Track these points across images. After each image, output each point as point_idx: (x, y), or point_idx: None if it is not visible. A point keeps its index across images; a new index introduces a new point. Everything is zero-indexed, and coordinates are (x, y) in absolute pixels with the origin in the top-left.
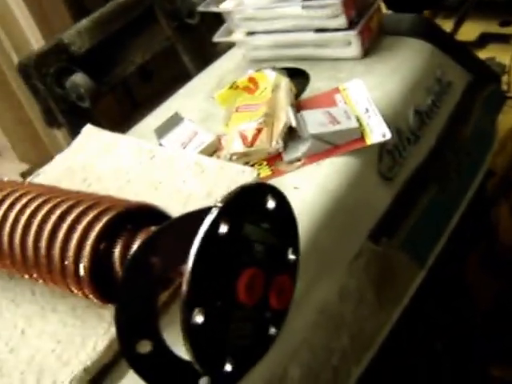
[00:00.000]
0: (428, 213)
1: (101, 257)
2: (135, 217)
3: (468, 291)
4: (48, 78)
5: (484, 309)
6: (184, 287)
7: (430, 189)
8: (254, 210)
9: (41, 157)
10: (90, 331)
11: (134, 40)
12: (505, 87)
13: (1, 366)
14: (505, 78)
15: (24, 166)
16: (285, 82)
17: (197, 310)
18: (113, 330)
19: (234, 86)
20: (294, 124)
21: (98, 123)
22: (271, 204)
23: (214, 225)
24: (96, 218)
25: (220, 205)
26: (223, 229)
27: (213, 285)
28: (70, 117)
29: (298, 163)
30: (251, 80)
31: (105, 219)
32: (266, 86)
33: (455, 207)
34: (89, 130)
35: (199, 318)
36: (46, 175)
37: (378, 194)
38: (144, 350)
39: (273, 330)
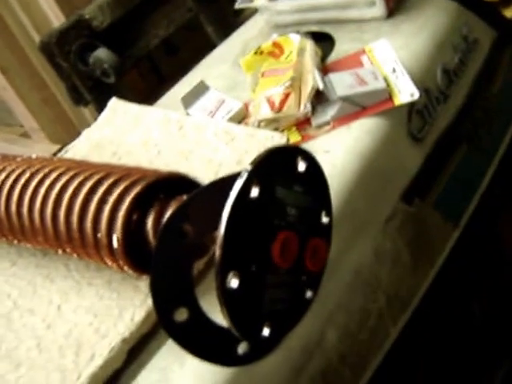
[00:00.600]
0: (460, 172)
1: (134, 228)
2: (167, 186)
3: (503, 250)
4: (71, 55)
5: None
6: (217, 251)
7: (461, 147)
8: (285, 173)
9: (71, 136)
10: (127, 303)
11: (156, 12)
12: None
13: (39, 342)
14: None
15: (55, 147)
16: (310, 46)
17: (232, 274)
18: (149, 301)
19: (258, 52)
20: (321, 87)
21: (124, 98)
22: (302, 166)
23: (245, 188)
24: (127, 189)
25: (249, 168)
26: (254, 192)
27: (246, 249)
28: (96, 93)
29: (328, 127)
30: (276, 45)
31: (136, 190)
32: (290, 50)
33: (486, 165)
34: (115, 103)
35: (234, 282)
36: (75, 151)
37: (409, 155)
38: (181, 317)
39: (309, 294)
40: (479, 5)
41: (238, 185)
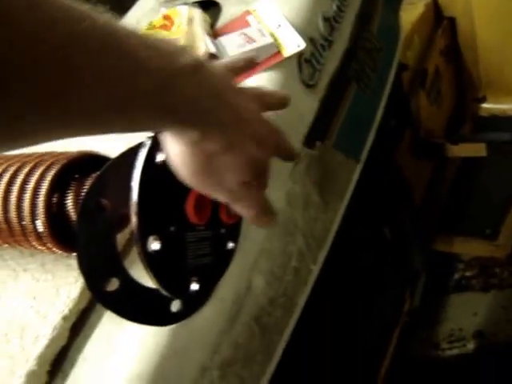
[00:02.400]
0: (353, 111)
1: (55, 210)
2: (82, 167)
3: (403, 177)
4: None
5: (421, 190)
6: (133, 219)
7: (351, 88)
8: None
9: None
10: (62, 282)
11: None
12: None
13: None
14: None
15: None
16: (198, 14)
17: (151, 238)
18: None
19: (150, 27)
20: (213, 50)
21: None
22: None
23: (150, 155)
24: (43, 175)
25: (152, 135)
26: (160, 157)
27: (161, 211)
28: None
29: None
30: (166, 17)
31: (51, 174)
32: (180, 20)
33: (377, 102)
34: None
35: (155, 245)
36: None
37: (305, 102)
38: (112, 287)
39: (231, 245)
40: None
41: (143, 153)
